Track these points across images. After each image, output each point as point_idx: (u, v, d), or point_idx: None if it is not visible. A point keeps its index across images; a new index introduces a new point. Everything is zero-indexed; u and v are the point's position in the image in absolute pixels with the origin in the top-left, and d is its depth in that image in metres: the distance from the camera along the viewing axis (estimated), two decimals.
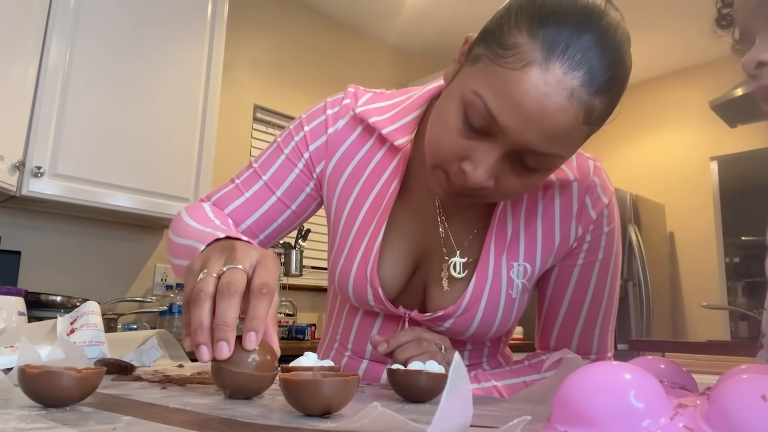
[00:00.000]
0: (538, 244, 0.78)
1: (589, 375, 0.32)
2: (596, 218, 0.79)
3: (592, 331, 0.82)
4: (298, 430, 0.39)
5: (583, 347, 0.83)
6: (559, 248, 0.79)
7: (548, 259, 0.79)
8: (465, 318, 0.76)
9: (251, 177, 0.85)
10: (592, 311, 0.81)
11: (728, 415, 0.28)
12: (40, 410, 0.43)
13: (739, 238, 3.69)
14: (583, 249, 0.80)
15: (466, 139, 0.62)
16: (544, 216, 0.78)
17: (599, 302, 0.81)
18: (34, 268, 2.26)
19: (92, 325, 0.82)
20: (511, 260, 0.77)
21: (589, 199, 0.79)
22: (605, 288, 0.81)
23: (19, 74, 1.95)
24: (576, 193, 0.79)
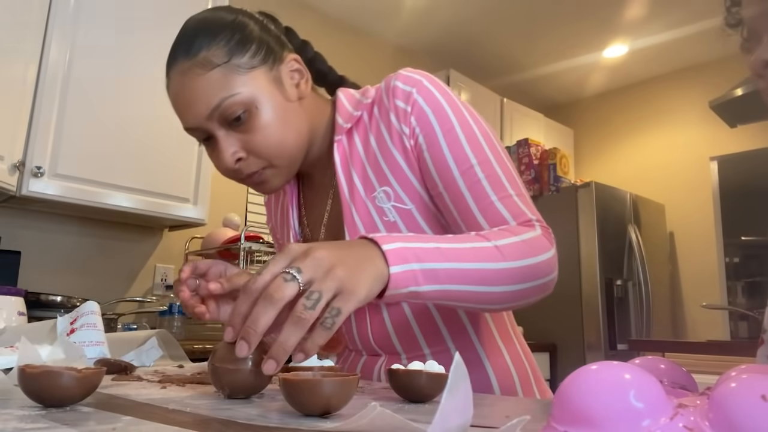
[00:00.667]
0: (383, 166, 0.81)
1: (589, 375, 0.32)
2: (410, 107, 0.79)
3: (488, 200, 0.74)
4: (298, 431, 0.40)
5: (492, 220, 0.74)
6: (403, 157, 0.80)
7: (402, 173, 0.80)
8: None
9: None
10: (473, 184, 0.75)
11: (728, 414, 0.28)
12: (40, 410, 0.43)
13: (739, 238, 3.69)
14: (419, 136, 0.78)
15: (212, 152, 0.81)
16: (377, 140, 0.83)
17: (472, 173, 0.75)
18: (34, 268, 2.26)
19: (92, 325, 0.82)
20: (369, 193, 0.82)
21: (397, 100, 0.80)
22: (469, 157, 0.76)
23: (19, 74, 1.95)
24: (386, 101, 0.82)
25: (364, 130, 0.85)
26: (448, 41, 3.75)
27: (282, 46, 0.83)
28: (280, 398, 0.55)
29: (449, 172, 0.76)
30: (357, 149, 0.84)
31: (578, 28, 3.59)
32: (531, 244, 0.70)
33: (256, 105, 0.76)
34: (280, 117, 0.78)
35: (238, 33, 0.78)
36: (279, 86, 0.79)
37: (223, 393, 0.54)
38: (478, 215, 0.74)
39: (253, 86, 0.76)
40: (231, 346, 0.53)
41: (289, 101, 0.81)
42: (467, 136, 0.77)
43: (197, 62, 0.76)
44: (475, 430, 0.39)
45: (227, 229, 2.54)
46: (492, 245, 0.67)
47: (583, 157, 4.47)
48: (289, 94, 0.81)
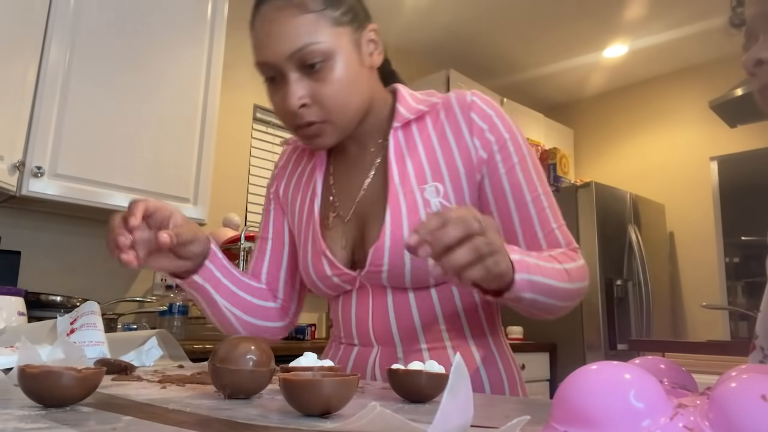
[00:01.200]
0: (440, 163, 0.86)
1: (589, 375, 0.32)
2: (489, 127, 0.86)
3: (550, 228, 0.85)
4: (298, 430, 0.40)
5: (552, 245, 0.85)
6: (463, 162, 0.85)
7: (457, 173, 0.85)
8: (395, 248, 0.81)
9: (260, 244, 1.03)
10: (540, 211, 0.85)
11: (728, 415, 0.28)
12: (40, 410, 0.43)
13: (739, 238, 3.69)
14: (497, 159, 0.85)
15: (277, 94, 0.84)
16: (439, 140, 0.87)
17: (540, 202, 0.85)
18: (34, 268, 2.26)
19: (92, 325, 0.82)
20: (421, 184, 0.85)
21: (474, 114, 0.86)
22: (537, 187, 0.86)
23: (19, 74, 1.95)
24: (458, 111, 0.87)
25: (425, 127, 0.89)
26: (448, 41, 3.75)
27: (366, 15, 0.89)
28: (280, 398, 0.55)
29: (522, 196, 0.85)
30: (415, 141, 0.88)
31: (578, 28, 3.59)
32: (582, 270, 0.84)
33: (335, 58, 0.81)
34: (352, 77, 0.83)
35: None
36: (357, 49, 0.85)
37: (224, 393, 0.54)
38: (542, 240, 0.85)
39: (336, 41, 0.81)
40: (231, 346, 0.53)
41: (362, 66, 0.85)
42: (535, 168, 0.87)
43: (294, 3, 0.80)
44: (475, 430, 0.39)
45: (227, 229, 2.54)
46: (562, 268, 0.79)
47: (583, 157, 4.47)
48: (364, 60, 0.86)
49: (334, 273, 0.87)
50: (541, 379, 3.20)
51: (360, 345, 0.89)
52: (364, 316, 0.87)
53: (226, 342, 0.55)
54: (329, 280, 0.89)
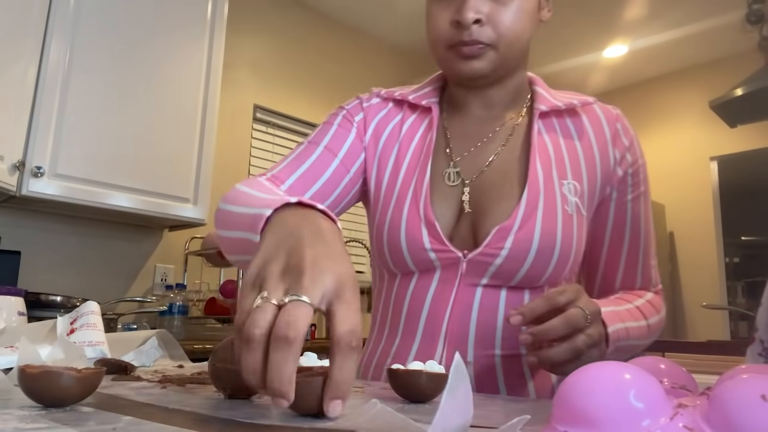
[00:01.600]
0: (581, 163, 0.82)
1: (589, 375, 0.32)
2: (629, 146, 0.85)
3: (649, 263, 0.86)
4: (298, 430, 0.39)
5: (645, 281, 0.86)
6: (602, 170, 0.83)
7: (595, 180, 0.82)
8: (524, 233, 0.74)
9: (308, 148, 0.85)
10: (647, 243, 0.86)
11: (728, 415, 0.28)
12: (40, 410, 0.43)
13: (739, 238, 3.69)
14: (629, 180, 0.84)
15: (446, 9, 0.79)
16: (580, 138, 0.84)
17: (649, 233, 0.86)
18: (34, 268, 2.26)
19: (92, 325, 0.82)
20: (560, 178, 0.80)
21: (620, 126, 0.86)
22: (650, 221, 0.86)
23: (19, 74, 1.95)
24: (604, 119, 0.86)
25: (565, 123, 0.86)
26: None
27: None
28: None
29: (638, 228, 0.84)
30: (556, 132, 0.85)
31: (578, 28, 3.59)
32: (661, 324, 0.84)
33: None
34: (529, 15, 0.80)
35: None
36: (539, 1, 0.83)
37: (224, 393, 0.54)
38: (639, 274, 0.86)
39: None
40: (231, 346, 0.53)
41: (536, 13, 0.83)
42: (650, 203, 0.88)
43: None
44: (475, 431, 0.38)
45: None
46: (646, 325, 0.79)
47: None
48: (541, 13, 0.85)
49: (433, 247, 0.77)
50: None
51: (422, 339, 0.78)
52: (441, 308, 0.77)
53: (226, 342, 0.55)
54: (422, 254, 0.77)
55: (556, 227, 0.76)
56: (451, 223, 0.79)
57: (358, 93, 0.96)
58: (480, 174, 0.81)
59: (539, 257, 0.74)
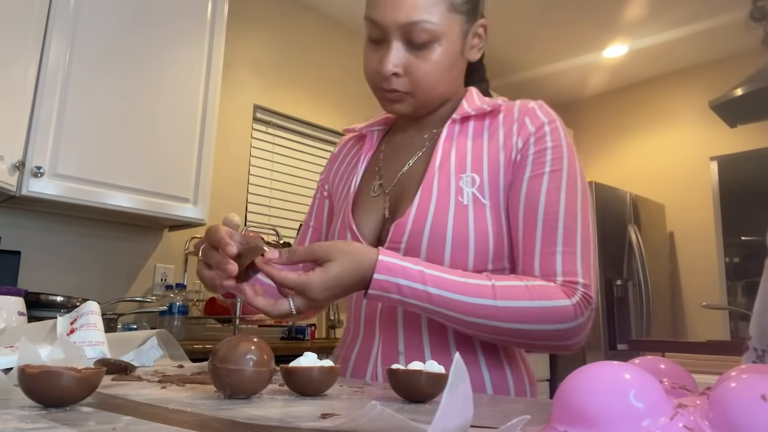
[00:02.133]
0: (484, 159, 0.86)
1: (589, 375, 0.32)
2: (535, 131, 0.85)
3: (553, 248, 0.78)
4: (298, 430, 0.40)
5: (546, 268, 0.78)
6: (504, 159, 0.85)
7: (496, 169, 0.85)
8: (415, 227, 0.82)
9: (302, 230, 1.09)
10: (549, 228, 0.79)
11: (728, 415, 0.28)
12: (40, 410, 0.43)
13: (739, 238, 3.69)
14: (528, 162, 0.84)
15: (374, 54, 0.86)
16: (489, 138, 0.88)
17: (555, 218, 0.79)
18: (34, 268, 2.26)
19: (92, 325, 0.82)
20: (459, 173, 0.85)
21: (527, 119, 0.87)
22: (559, 203, 0.80)
23: (19, 74, 1.95)
24: (516, 114, 0.88)
25: (481, 125, 0.90)
26: None
27: (480, 9, 0.90)
28: (280, 398, 0.56)
29: (536, 208, 0.81)
30: (467, 134, 0.90)
31: (578, 28, 3.59)
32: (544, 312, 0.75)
33: (441, 41, 0.83)
34: (449, 64, 0.85)
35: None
36: (463, 39, 0.87)
37: (224, 393, 0.54)
38: (536, 258, 0.79)
39: (448, 25, 0.83)
40: (231, 345, 0.53)
41: (461, 57, 0.88)
42: (568, 184, 0.82)
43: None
44: (475, 430, 0.39)
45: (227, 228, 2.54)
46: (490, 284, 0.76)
47: (583, 157, 4.47)
48: (465, 51, 0.89)
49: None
50: (541, 379, 3.20)
51: (363, 336, 0.88)
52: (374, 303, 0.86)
53: (226, 342, 0.55)
54: None
55: (447, 217, 0.81)
56: (376, 229, 0.89)
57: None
58: (396, 182, 0.91)
59: (432, 246, 0.81)
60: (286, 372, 0.58)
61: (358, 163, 0.99)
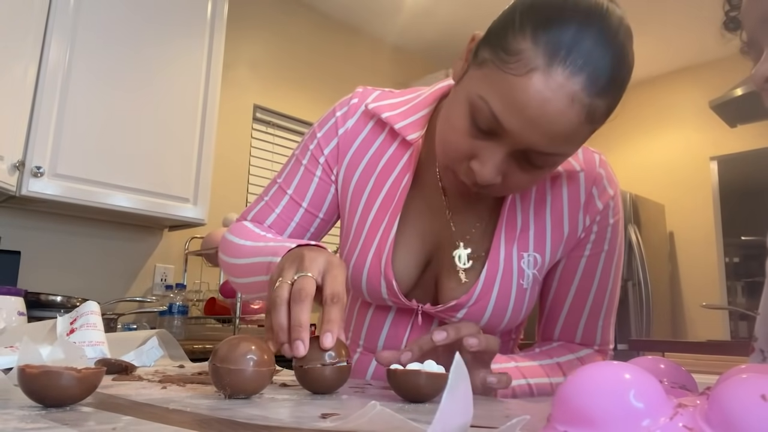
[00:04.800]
0: (547, 235, 0.80)
1: (589, 375, 0.32)
2: (603, 209, 0.81)
3: (596, 322, 0.84)
4: (298, 430, 0.40)
5: (586, 338, 0.85)
6: (568, 239, 0.81)
7: (558, 249, 0.81)
8: (477, 308, 0.77)
9: (277, 193, 0.88)
10: (597, 302, 0.83)
11: (728, 415, 0.28)
12: (40, 410, 0.43)
13: (739, 238, 3.68)
14: (590, 240, 0.82)
15: (473, 139, 0.65)
16: (552, 207, 0.81)
17: (603, 293, 0.83)
18: (34, 268, 2.26)
19: (92, 325, 0.82)
20: (521, 251, 0.79)
21: (596, 190, 0.81)
22: (609, 279, 0.83)
23: (19, 74, 1.95)
24: (583, 184, 0.81)
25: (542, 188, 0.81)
26: (447, 41, 3.75)
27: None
28: (280, 398, 0.56)
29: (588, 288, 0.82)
30: (529, 201, 0.80)
31: None
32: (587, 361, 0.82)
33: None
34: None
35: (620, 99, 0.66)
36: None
37: (224, 393, 0.54)
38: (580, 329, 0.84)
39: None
40: (231, 345, 0.53)
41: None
42: (617, 263, 0.84)
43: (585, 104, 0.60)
44: (475, 430, 0.39)
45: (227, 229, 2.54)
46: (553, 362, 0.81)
47: None
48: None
49: (390, 298, 0.80)
50: None
51: (363, 350, 0.86)
52: (399, 336, 0.82)
53: (226, 342, 0.55)
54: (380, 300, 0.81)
55: (509, 303, 0.78)
56: (414, 276, 0.80)
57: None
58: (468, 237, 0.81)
59: (488, 325, 0.79)
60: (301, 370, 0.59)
61: (397, 176, 0.81)
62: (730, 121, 2.98)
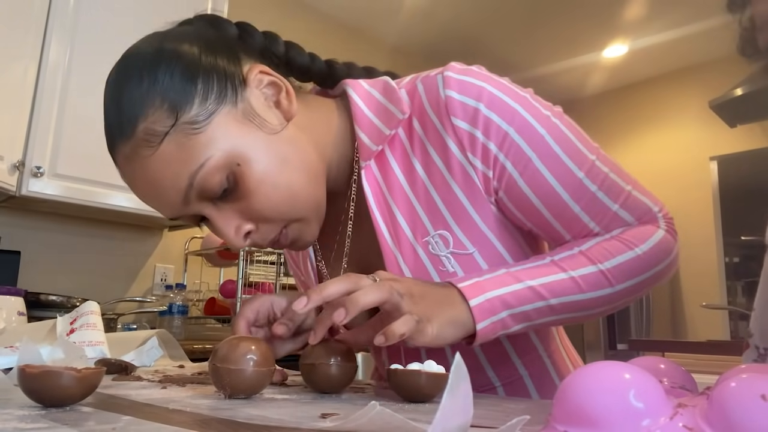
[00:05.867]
0: (439, 205, 0.66)
1: (588, 374, 0.32)
2: (483, 131, 0.62)
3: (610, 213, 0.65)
4: (298, 430, 0.40)
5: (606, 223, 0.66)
6: (468, 197, 0.65)
7: (465, 213, 0.65)
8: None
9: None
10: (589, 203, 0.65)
11: (728, 414, 0.28)
12: (40, 410, 0.43)
13: (739, 238, 3.69)
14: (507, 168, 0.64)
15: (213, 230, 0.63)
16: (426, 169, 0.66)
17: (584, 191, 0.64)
18: (34, 268, 2.26)
19: (92, 325, 0.82)
20: (421, 238, 0.66)
21: (455, 119, 0.63)
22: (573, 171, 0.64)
23: (19, 74, 1.95)
24: (436, 120, 0.64)
25: (402, 153, 0.67)
26: (447, 41, 3.75)
27: (236, 60, 0.62)
28: (280, 398, 0.56)
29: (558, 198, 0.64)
30: (397, 179, 0.67)
31: (578, 28, 3.59)
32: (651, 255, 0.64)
33: (238, 162, 0.57)
34: (274, 161, 0.59)
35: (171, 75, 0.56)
36: (254, 120, 0.60)
37: (224, 393, 0.54)
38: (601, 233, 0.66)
39: (222, 140, 0.57)
40: (231, 345, 0.53)
41: (276, 133, 0.61)
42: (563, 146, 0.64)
43: (138, 140, 0.56)
44: (475, 430, 0.39)
45: None
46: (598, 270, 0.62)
47: None
48: (272, 123, 0.61)
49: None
50: None
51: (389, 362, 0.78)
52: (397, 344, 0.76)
53: (226, 342, 0.55)
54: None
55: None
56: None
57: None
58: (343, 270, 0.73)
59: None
60: (307, 369, 0.59)
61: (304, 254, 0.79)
62: (730, 121, 2.98)
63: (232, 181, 0.58)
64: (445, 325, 0.57)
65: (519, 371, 0.73)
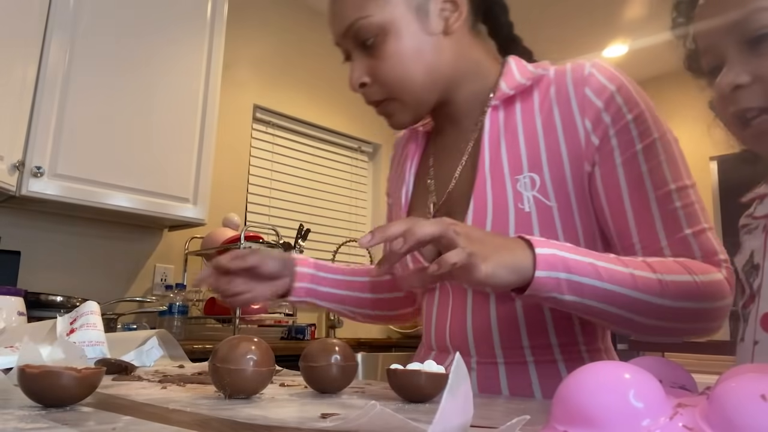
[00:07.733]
0: (541, 152, 0.73)
1: (588, 374, 0.32)
2: (605, 105, 0.72)
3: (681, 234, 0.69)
4: (298, 430, 0.40)
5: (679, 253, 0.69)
6: (570, 152, 0.72)
7: (560, 166, 0.72)
8: None
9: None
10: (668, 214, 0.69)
11: (728, 414, 0.28)
12: (40, 410, 0.43)
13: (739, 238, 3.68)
14: (612, 145, 0.71)
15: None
16: (544, 124, 0.75)
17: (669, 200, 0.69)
18: (34, 268, 2.26)
19: (92, 325, 0.82)
20: (515, 174, 0.74)
21: (589, 90, 0.73)
22: (667, 180, 0.69)
23: (19, 74, 1.95)
24: (572, 87, 0.74)
25: (530, 106, 0.77)
26: None
27: None
28: (280, 398, 0.56)
29: (642, 193, 0.69)
30: (515, 122, 0.77)
31: (578, 28, 3.59)
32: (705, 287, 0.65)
33: (388, 31, 0.74)
34: (412, 48, 0.75)
35: None
36: (421, 15, 0.75)
37: (224, 393, 0.54)
38: (665, 247, 0.69)
39: (388, 12, 0.74)
40: (231, 345, 0.54)
41: (430, 34, 0.76)
42: (668, 157, 0.71)
43: None
44: (475, 431, 0.39)
45: (227, 229, 2.54)
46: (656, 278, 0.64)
47: None
48: (432, 26, 0.76)
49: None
50: None
51: (437, 350, 0.82)
52: (443, 318, 0.79)
53: (226, 342, 0.55)
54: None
55: (507, 230, 0.72)
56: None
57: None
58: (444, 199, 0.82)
59: None
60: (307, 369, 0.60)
61: (405, 170, 0.90)
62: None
63: (377, 41, 0.75)
64: (500, 266, 0.59)
65: (555, 359, 0.75)
